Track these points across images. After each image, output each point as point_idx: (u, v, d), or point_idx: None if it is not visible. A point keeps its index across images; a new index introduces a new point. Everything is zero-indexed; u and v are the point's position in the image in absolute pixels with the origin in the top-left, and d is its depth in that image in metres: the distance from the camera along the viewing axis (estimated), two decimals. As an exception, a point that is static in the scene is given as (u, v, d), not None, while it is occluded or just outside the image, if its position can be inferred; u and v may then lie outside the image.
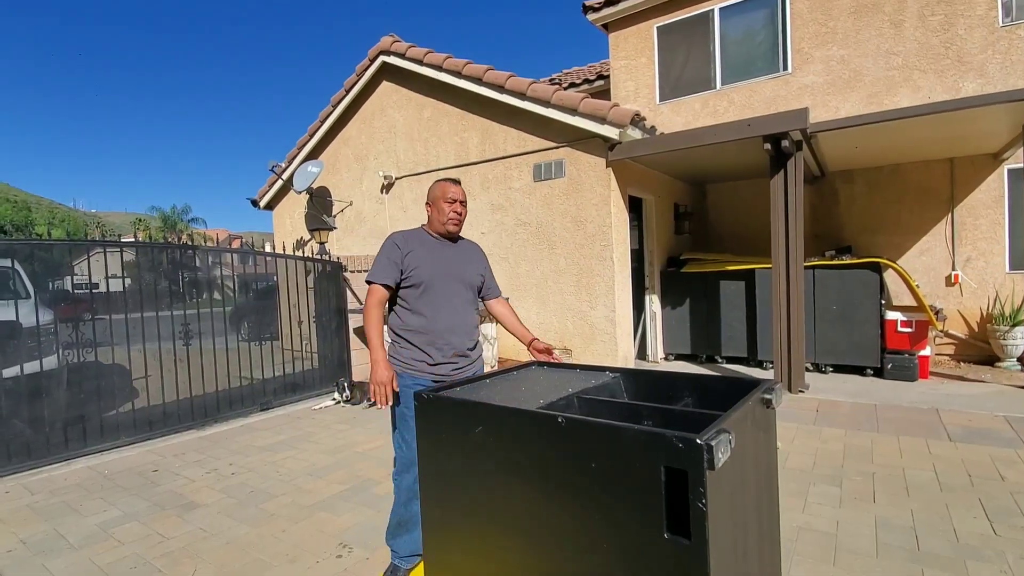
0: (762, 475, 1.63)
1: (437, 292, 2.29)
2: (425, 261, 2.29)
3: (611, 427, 1.33)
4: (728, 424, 1.31)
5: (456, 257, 2.41)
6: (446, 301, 2.31)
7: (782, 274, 5.19)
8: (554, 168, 6.05)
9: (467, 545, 1.69)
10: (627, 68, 8.02)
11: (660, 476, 1.24)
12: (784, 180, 5.13)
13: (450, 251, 2.40)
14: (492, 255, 6.54)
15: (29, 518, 3.23)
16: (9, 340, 4.26)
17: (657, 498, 1.24)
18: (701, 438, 1.18)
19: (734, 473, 1.38)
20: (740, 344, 6.41)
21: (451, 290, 2.33)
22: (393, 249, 2.31)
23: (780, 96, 6.84)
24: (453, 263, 2.37)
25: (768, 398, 1.61)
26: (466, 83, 6.41)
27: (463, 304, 2.37)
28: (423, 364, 2.27)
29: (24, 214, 36.11)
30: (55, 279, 5.39)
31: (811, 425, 4.23)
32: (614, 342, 5.77)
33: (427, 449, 1.76)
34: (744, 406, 1.48)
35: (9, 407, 4.11)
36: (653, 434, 1.26)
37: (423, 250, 2.32)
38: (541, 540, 1.49)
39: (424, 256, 2.30)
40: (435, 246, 2.37)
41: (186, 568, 2.60)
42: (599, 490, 1.35)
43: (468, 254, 2.49)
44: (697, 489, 1.19)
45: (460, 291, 2.36)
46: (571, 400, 1.77)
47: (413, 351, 2.28)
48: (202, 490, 3.58)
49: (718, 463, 1.18)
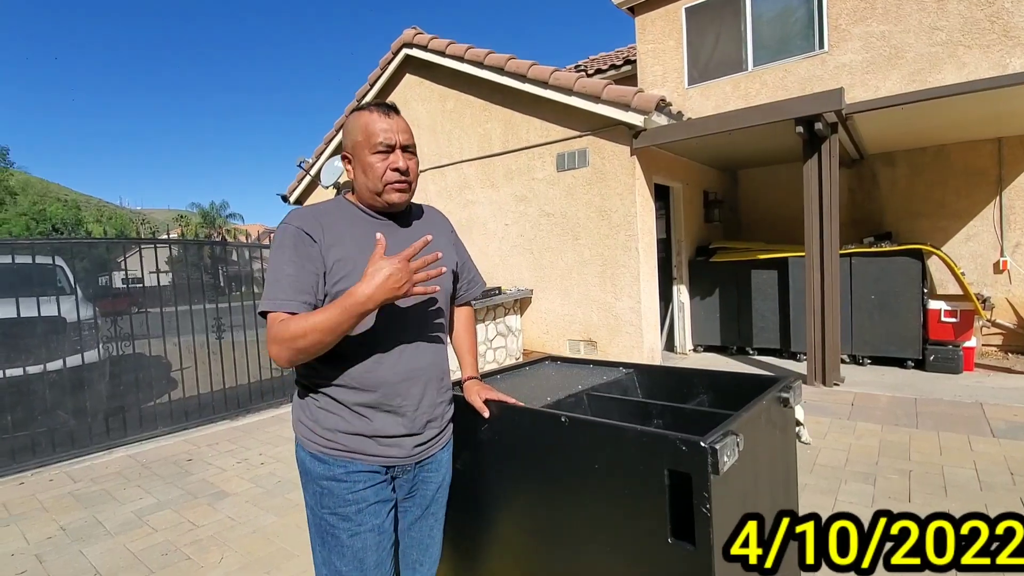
0: (778, 477, 1.56)
1: (388, 313, 1.28)
2: (360, 261, 1.22)
3: (614, 427, 1.30)
4: (737, 425, 1.26)
5: None
6: (402, 329, 1.33)
7: (816, 262, 4.98)
8: (577, 157, 5.95)
9: (474, 543, 1.68)
10: (654, 52, 7.80)
11: (663, 479, 1.20)
12: (818, 164, 4.91)
13: (400, 237, 1.35)
14: (516, 247, 6.52)
15: (70, 505, 3.40)
16: (54, 334, 4.46)
17: (661, 502, 1.20)
18: (705, 441, 1.13)
19: (745, 476, 1.32)
20: (772, 335, 6.21)
21: (411, 305, 1.34)
22: (302, 241, 1.25)
23: (816, 76, 6.54)
24: None
25: (785, 396, 1.54)
26: (488, 73, 6.35)
27: (434, 327, 1.40)
28: (364, 441, 1.29)
29: (74, 212, 37.97)
30: (99, 275, 5.64)
31: (845, 419, 4.07)
32: (640, 334, 5.67)
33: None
34: (757, 405, 1.41)
35: (54, 398, 4.32)
36: (656, 436, 1.22)
37: (352, 241, 1.29)
38: (546, 540, 1.47)
39: (357, 254, 1.26)
40: (372, 230, 1.28)
41: (213, 556, 2.68)
42: (603, 492, 1.32)
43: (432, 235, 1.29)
44: (701, 494, 1.14)
45: (424, 307, 1.37)
46: (580, 398, 1.73)
47: (344, 419, 1.29)
48: (232, 479, 3.70)
49: (723, 467, 1.12)
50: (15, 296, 4.12)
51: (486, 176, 6.78)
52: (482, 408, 1.51)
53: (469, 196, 6.98)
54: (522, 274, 6.52)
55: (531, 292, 6.39)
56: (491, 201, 6.76)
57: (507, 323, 6.30)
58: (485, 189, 6.81)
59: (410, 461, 1.36)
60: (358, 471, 1.29)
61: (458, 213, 7.08)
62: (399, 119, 1.33)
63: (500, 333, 6.20)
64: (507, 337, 6.30)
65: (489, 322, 6.02)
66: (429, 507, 1.45)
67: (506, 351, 6.26)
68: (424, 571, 1.48)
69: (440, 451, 1.45)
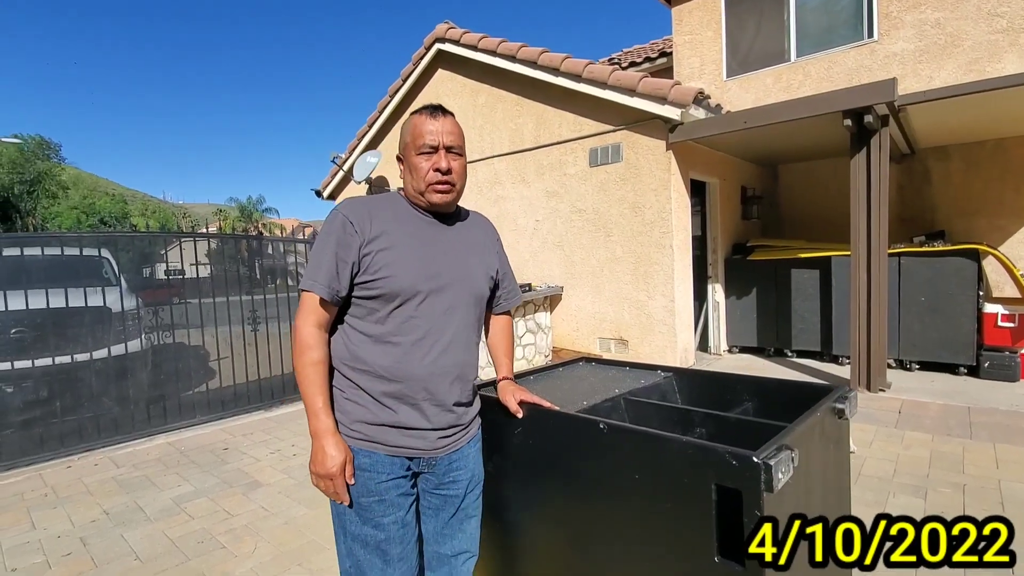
0: (831, 494, 1.46)
1: (426, 308, 1.32)
2: (406, 254, 1.31)
3: (656, 437, 1.23)
4: (792, 439, 1.18)
5: (455, 247, 1.41)
6: (440, 323, 1.35)
7: (862, 262, 4.76)
8: (611, 152, 5.84)
9: (507, 547, 1.64)
10: (691, 43, 7.59)
11: (711, 495, 1.13)
12: (867, 159, 4.67)
13: (446, 236, 1.41)
14: (547, 243, 6.45)
15: (113, 490, 3.51)
16: (100, 324, 4.62)
17: (707, 518, 1.13)
18: (759, 456, 1.06)
19: (797, 492, 1.24)
20: (813, 337, 5.98)
21: (447, 307, 1.36)
22: (345, 231, 1.30)
23: (864, 67, 6.24)
24: (450, 257, 1.39)
25: (840, 408, 1.44)
26: (520, 67, 6.28)
27: (467, 328, 1.41)
28: (388, 432, 1.32)
29: (121, 206, 39.55)
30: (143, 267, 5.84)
31: (892, 428, 3.87)
32: (673, 333, 5.53)
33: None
34: (811, 417, 1.32)
35: (99, 386, 4.47)
36: (704, 448, 1.15)
37: (400, 231, 1.34)
38: (581, 550, 1.41)
39: (404, 244, 1.33)
40: (421, 225, 1.38)
41: (247, 546, 2.72)
42: (643, 503, 1.26)
43: (472, 241, 1.47)
44: (752, 512, 1.07)
45: (463, 307, 1.39)
46: (617, 402, 1.67)
47: (369, 410, 1.32)
48: (265, 470, 3.76)
49: (777, 484, 1.05)
50: (64, 287, 4.27)
51: (517, 172, 6.72)
52: (516, 409, 1.50)
53: (500, 192, 6.93)
54: (552, 271, 6.45)
55: (561, 289, 6.31)
56: (522, 197, 6.70)
57: (537, 320, 6.25)
58: (516, 185, 6.75)
59: (434, 454, 1.37)
60: (381, 462, 1.32)
61: (488, 209, 7.05)
62: (447, 120, 1.37)
63: (530, 330, 6.15)
64: (536, 334, 6.24)
65: (519, 319, 5.98)
66: (462, 505, 1.44)
67: (535, 348, 6.21)
68: (464, 571, 1.47)
69: (466, 446, 1.44)
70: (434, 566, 1.46)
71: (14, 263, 4.26)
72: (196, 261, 5.26)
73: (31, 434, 4.12)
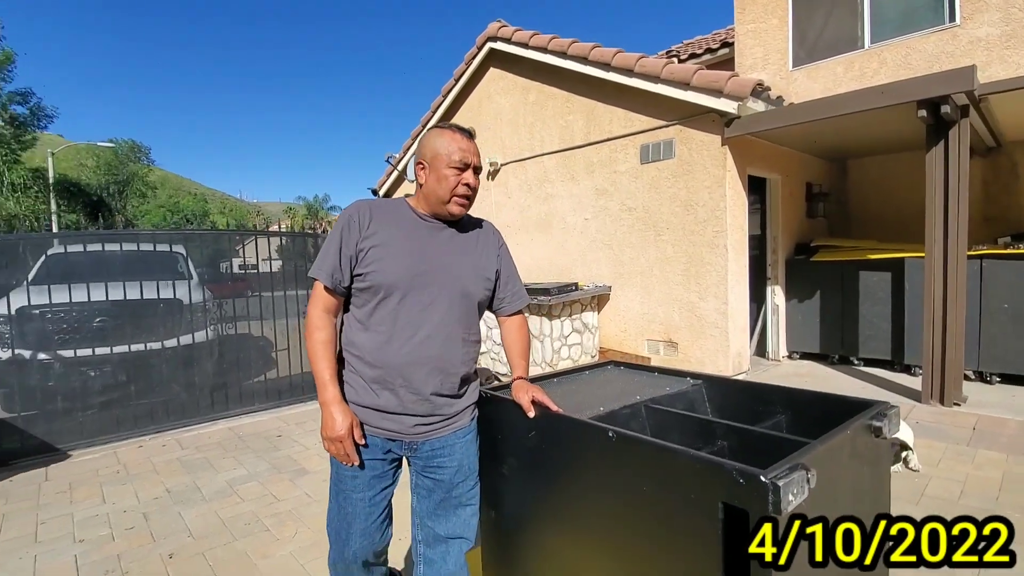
0: (865, 519, 1.35)
1: (407, 303, 1.45)
2: (394, 253, 1.45)
3: (664, 449, 1.18)
4: (811, 458, 1.09)
5: (446, 249, 1.53)
6: (419, 317, 1.46)
7: (938, 264, 4.37)
8: (663, 148, 5.66)
9: (522, 546, 1.63)
10: (754, 32, 7.22)
11: (718, 513, 1.07)
12: (944, 153, 4.28)
13: (439, 240, 1.53)
14: (595, 242, 6.35)
15: (176, 470, 3.78)
16: (172, 315, 4.98)
17: (712, 539, 1.07)
18: (767, 475, 0.99)
19: (820, 517, 1.15)
20: (882, 345, 5.56)
21: (428, 303, 1.47)
22: (349, 227, 1.47)
23: (945, 53, 5.72)
24: (442, 258, 1.51)
25: (878, 425, 1.32)
26: (571, 63, 6.20)
27: (449, 324, 1.50)
28: (370, 414, 1.48)
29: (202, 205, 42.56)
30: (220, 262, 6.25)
31: (964, 446, 3.54)
32: (726, 337, 5.30)
33: (484, 446, 1.72)
34: (840, 435, 1.22)
35: (169, 372, 4.82)
36: (712, 463, 1.09)
37: (394, 233, 1.48)
38: (590, 557, 1.38)
39: (395, 244, 1.47)
40: (415, 229, 1.51)
41: (289, 530, 2.86)
42: (651, 517, 1.21)
43: (471, 244, 1.59)
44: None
45: (446, 303, 1.49)
46: (638, 409, 1.61)
47: (357, 393, 1.49)
48: (313, 458, 3.92)
49: (787, 507, 0.98)
50: (142, 280, 4.63)
51: (566, 169, 6.66)
52: (528, 407, 1.52)
53: (549, 189, 6.89)
54: (601, 270, 6.34)
55: (609, 289, 6.20)
56: (571, 195, 6.62)
57: (583, 320, 6.17)
58: (565, 182, 6.68)
59: (414, 439, 1.51)
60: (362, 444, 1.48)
61: (537, 207, 7.03)
62: (474, 143, 1.53)
63: (576, 330, 6.08)
64: (583, 334, 6.16)
65: (565, 318, 5.92)
66: (454, 493, 1.55)
67: (581, 348, 6.13)
68: (454, 553, 1.56)
69: (451, 435, 1.54)
70: (431, 543, 1.57)
71: (96, 258, 4.65)
72: (259, 257, 5.59)
73: (109, 415, 4.50)
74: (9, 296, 4.31)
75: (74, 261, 4.63)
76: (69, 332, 4.49)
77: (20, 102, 21.51)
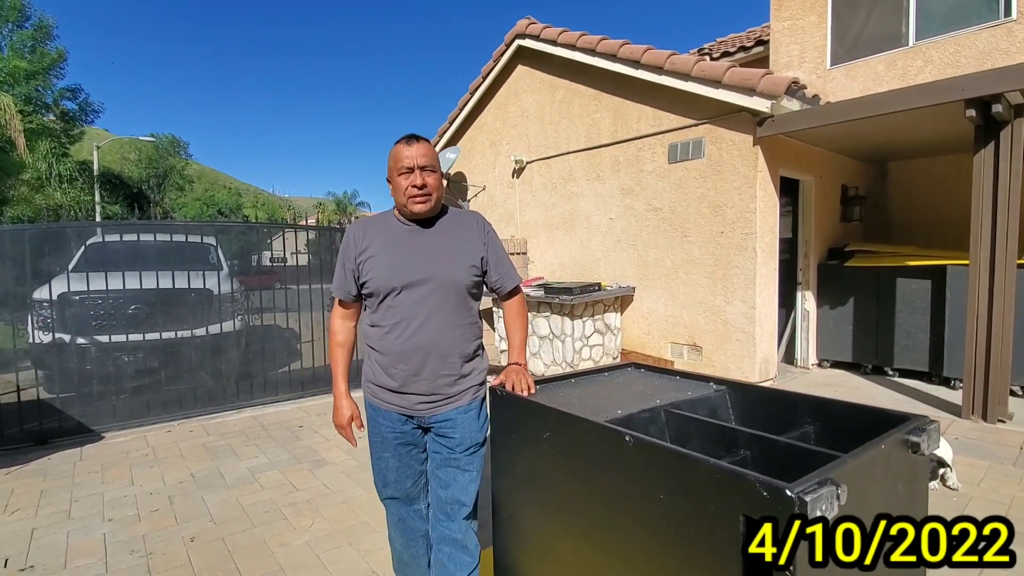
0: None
1: (401, 299, 1.68)
2: (384, 261, 1.69)
3: (683, 456, 1.13)
4: (842, 472, 1.03)
5: (429, 247, 1.72)
6: (411, 311, 1.68)
7: (984, 272, 4.17)
8: (692, 148, 5.53)
9: (534, 547, 1.60)
10: (791, 29, 7.00)
11: (738, 527, 1.01)
12: (995, 155, 4.07)
13: (421, 239, 1.73)
14: (620, 242, 6.26)
15: (202, 456, 3.86)
16: (202, 305, 5.09)
17: (732, 553, 1.02)
18: (793, 489, 0.93)
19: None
20: (920, 355, 5.34)
21: (419, 298, 1.68)
22: (347, 250, 1.75)
23: (999, 50, 5.43)
24: (425, 257, 1.70)
25: (916, 441, 1.25)
26: (600, 60, 6.11)
27: (440, 313, 1.69)
28: (384, 392, 1.75)
29: (236, 198, 43.65)
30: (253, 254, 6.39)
31: (1009, 466, 3.36)
32: (752, 342, 5.16)
33: (499, 446, 1.70)
34: (873, 449, 1.15)
35: (198, 360, 4.94)
36: (734, 474, 1.03)
37: (381, 243, 1.72)
38: (603, 563, 1.34)
39: (381, 251, 1.70)
40: (399, 236, 1.73)
41: (306, 520, 2.88)
42: (667, 526, 1.16)
43: (453, 237, 1.77)
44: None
45: (435, 298, 1.69)
46: (657, 414, 1.56)
47: (375, 374, 1.77)
48: (332, 449, 3.96)
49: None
50: (176, 270, 4.75)
51: (592, 168, 6.57)
52: (521, 390, 1.73)
53: (574, 188, 6.82)
54: (625, 270, 6.25)
55: (633, 290, 6.10)
56: (596, 194, 6.54)
57: (606, 320, 6.09)
58: (590, 181, 6.60)
59: (422, 413, 1.74)
60: (382, 415, 1.78)
61: (562, 205, 6.97)
62: (419, 145, 1.69)
63: (598, 331, 6.00)
64: (605, 335, 6.08)
65: (587, 318, 5.85)
66: (455, 456, 1.76)
67: (603, 349, 6.06)
68: (456, 516, 1.78)
69: (453, 412, 1.74)
70: (435, 508, 1.82)
71: (132, 247, 4.78)
72: (286, 250, 5.68)
73: (140, 400, 4.63)
74: (68, 278, 4.48)
75: (112, 250, 4.78)
76: (105, 318, 4.63)
77: (70, 98, 22.42)
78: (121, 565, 2.47)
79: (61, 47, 20.14)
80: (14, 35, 18.67)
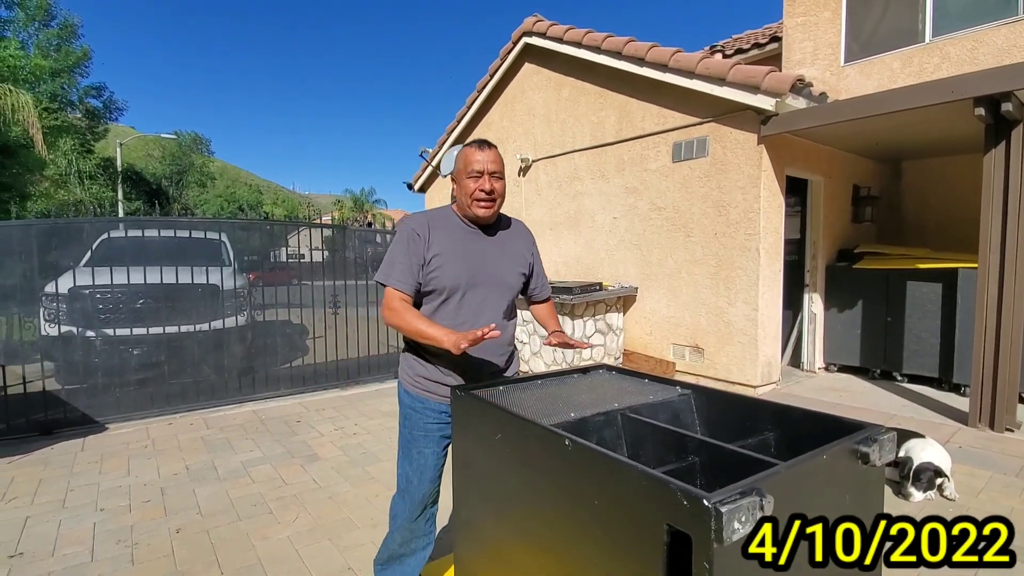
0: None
1: (464, 304, 1.76)
2: (450, 260, 1.73)
3: (614, 462, 1.11)
4: (773, 483, 1.00)
5: (491, 252, 1.82)
6: (475, 312, 1.77)
7: (993, 276, 4.04)
8: (696, 146, 5.46)
9: (491, 549, 1.59)
10: (804, 26, 6.85)
11: (663, 536, 0.99)
12: (1005, 155, 3.94)
13: (485, 244, 1.81)
14: (623, 241, 6.21)
15: (199, 448, 3.93)
16: (206, 300, 5.19)
17: (657, 562, 1.00)
18: (712, 499, 0.91)
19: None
20: (929, 361, 5.20)
21: (481, 299, 1.78)
22: (413, 239, 1.73)
23: (1017, 47, 5.25)
24: (488, 261, 1.80)
25: (865, 451, 1.21)
26: (605, 58, 6.06)
27: (494, 315, 1.80)
28: (436, 386, 1.80)
29: (256, 195, 44.37)
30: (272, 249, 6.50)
31: (1012, 476, 3.25)
32: (755, 345, 5.07)
33: (459, 446, 1.69)
34: (814, 460, 1.12)
35: (201, 355, 5.03)
36: (659, 482, 1.01)
37: (449, 242, 1.76)
38: (545, 568, 1.33)
39: (450, 251, 1.74)
40: (464, 236, 1.79)
41: (291, 514, 2.92)
42: (601, 532, 1.15)
43: (509, 245, 1.88)
44: (702, 564, 0.92)
45: (494, 299, 1.81)
46: (613, 417, 1.54)
47: (428, 369, 1.80)
48: (326, 445, 4.01)
49: (730, 536, 0.90)
50: (187, 265, 4.84)
51: (597, 167, 6.53)
52: (576, 344, 1.86)
53: (579, 187, 6.77)
54: (628, 270, 6.19)
55: (635, 290, 6.04)
56: (600, 193, 6.49)
57: (607, 320, 6.04)
58: (595, 180, 6.56)
59: None
60: (429, 407, 1.80)
61: (567, 204, 6.93)
62: (491, 151, 1.76)
63: (599, 330, 5.96)
64: (607, 335, 6.04)
65: (588, 318, 5.82)
66: None
67: (605, 350, 6.01)
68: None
69: None
70: None
71: (144, 243, 4.90)
72: (300, 247, 5.76)
73: (144, 392, 4.74)
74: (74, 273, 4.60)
75: (125, 245, 4.90)
76: (113, 312, 4.75)
77: (95, 95, 23.00)
78: (107, 555, 2.53)
79: (86, 45, 20.68)
80: (40, 34, 19.20)
